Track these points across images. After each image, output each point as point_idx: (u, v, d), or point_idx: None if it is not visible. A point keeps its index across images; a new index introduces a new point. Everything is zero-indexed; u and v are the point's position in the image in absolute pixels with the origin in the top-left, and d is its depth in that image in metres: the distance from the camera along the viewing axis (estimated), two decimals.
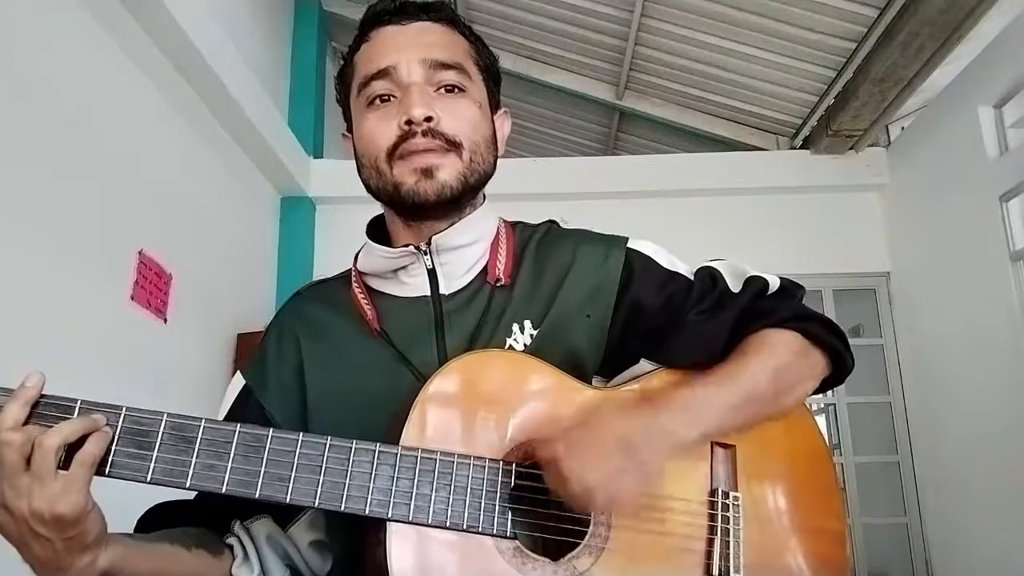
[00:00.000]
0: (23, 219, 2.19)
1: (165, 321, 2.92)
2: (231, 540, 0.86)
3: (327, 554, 0.91)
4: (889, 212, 4.22)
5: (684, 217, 4.23)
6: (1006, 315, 3.19)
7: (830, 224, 4.23)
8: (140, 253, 2.76)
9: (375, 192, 0.89)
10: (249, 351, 0.97)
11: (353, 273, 0.95)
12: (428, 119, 0.83)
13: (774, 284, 0.93)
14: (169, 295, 2.95)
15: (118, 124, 2.70)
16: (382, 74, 0.86)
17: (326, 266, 4.51)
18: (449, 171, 0.85)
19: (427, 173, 0.84)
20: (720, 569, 0.80)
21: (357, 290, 0.92)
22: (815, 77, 3.90)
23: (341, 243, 4.20)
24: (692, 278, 0.93)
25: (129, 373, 2.62)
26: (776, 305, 0.91)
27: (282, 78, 4.37)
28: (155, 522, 0.86)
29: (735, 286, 0.92)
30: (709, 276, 0.93)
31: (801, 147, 4.35)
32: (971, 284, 3.46)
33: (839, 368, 0.94)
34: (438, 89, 0.87)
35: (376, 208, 0.96)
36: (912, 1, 3.04)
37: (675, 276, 0.93)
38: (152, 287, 2.83)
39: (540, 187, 4.10)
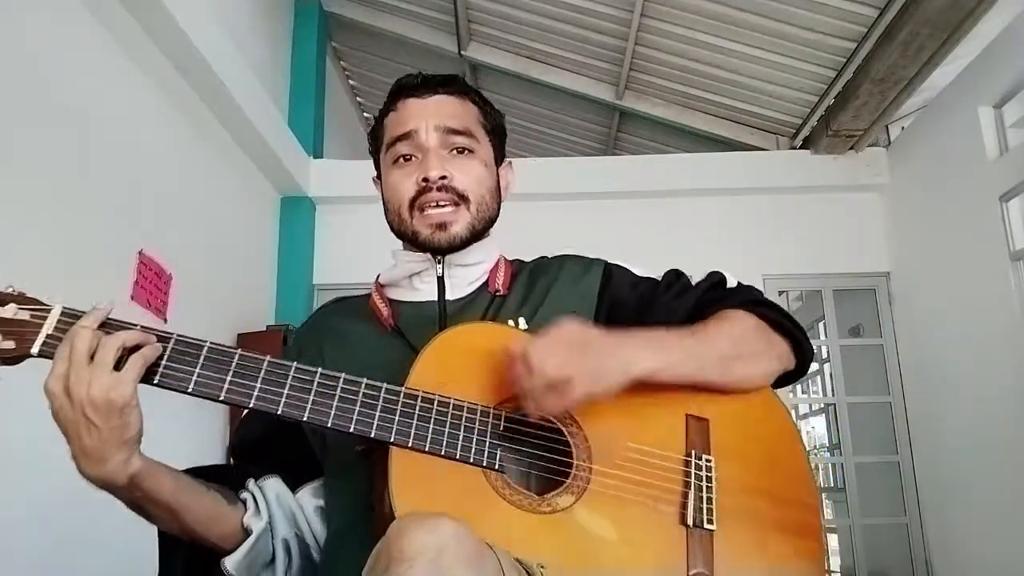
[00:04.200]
0: (23, 219, 2.19)
1: (165, 321, 2.92)
2: (244, 495, 0.97)
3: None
4: (889, 212, 4.23)
5: (684, 217, 4.23)
6: (1006, 315, 3.19)
7: (830, 224, 4.24)
8: (140, 253, 2.76)
9: (398, 233, 1.07)
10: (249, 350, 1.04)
11: (374, 287, 1.11)
12: (443, 177, 1.01)
13: (732, 281, 1.07)
14: (169, 295, 2.95)
15: (118, 124, 2.70)
16: (406, 136, 1.04)
17: (326, 266, 4.53)
18: (460, 225, 1.03)
19: (441, 227, 1.02)
20: (694, 519, 0.88)
21: (377, 298, 1.08)
22: (815, 77, 3.90)
23: (341, 243, 4.25)
24: (660, 279, 1.09)
25: None
26: (734, 292, 1.06)
27: (282, 78, 4.37)
28: None
29: (697, 281, 1.08)
30: (674, 273, 1.09)
31: (801, 147, 4.36)
32: (971, 284, 3.46)
33: (799, 357, 1.04)
34: (451, 151, 1.04)
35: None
36: (912, 1, 3.04)
37: (646, 279, 1.09)
38: (152, 287, 2.83)
39: (540, 187, 4.10)
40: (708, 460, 0.92)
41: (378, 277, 1.11)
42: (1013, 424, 3.16)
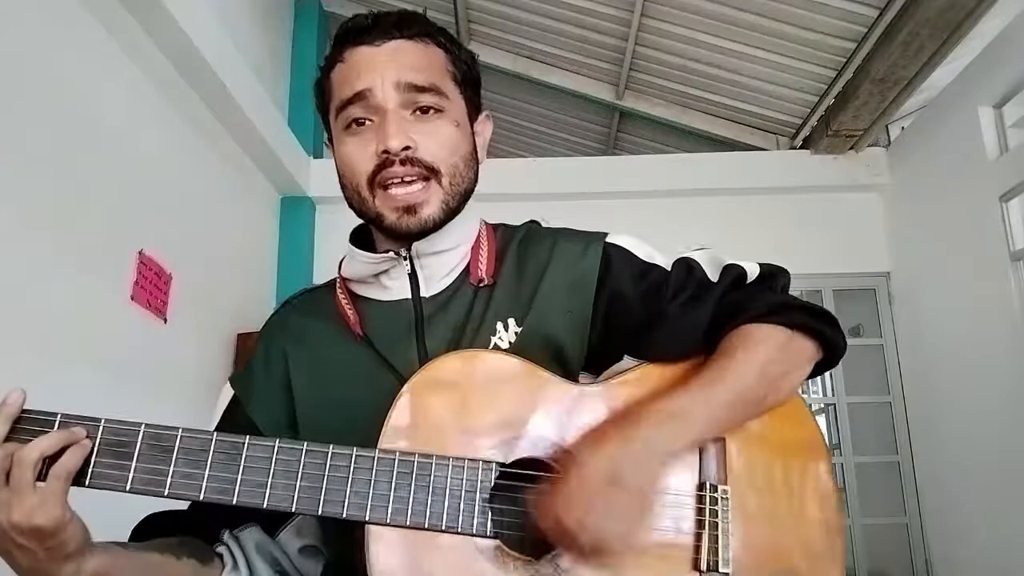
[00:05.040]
0: (23, 219, 2.19)
1: (165, 321, 2.92)
2: (221, 549, 0.87)
3: (318, 558, 0.91)
4: (889, 212, 4.22)
5: (684, 217, 4.23)
6: (1006, 315, 3.19)
7: (830, 224, 4.23)
8: (140, 253, 2.76)
9: (358, 213, 0.91)
10: (249, 351, 0.99)
11: (337, 280, 0.96)
12: (406, 148, 0.83)
13: (752, 272, 0.92)
14: (169, 295, 2.95)
15: (118, 124, 2.70)
16: (358, 97, 0.86)
17: (326, 266, 4.53)
18: (432, 206, 0.86)
19: (409, 210, 0.85)
20: (708, 563, 0.79)
21: (341, 296, 0.93)
22: (815, 77, 3.90)
23: (341, 243, 4.18)
24: (669, 269, 0.93)
25: (129, 373, 2.62)
26: (755, 295, 0.90)
27: (282, 78, 4.37)
28: (148, 533, 0.87)
29: (713, 275, 0.92)
30: (686, 267, 0.92)
31: (801, 147, 4.35)
32: (971, 284, 3.46)
33: (830, 350, 0.90)
34: (414, 111, 0.86)
35: None
36: (912, 1, 3.04)
37: (653, 268, 0.92)
38: (152, 287, 2.83)
39: (540, 187, 4.10)
40: (724, 492, 0.82)
41: (340, 266, 0.96)
42: (1013, 424, 3.15)
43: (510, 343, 0.87)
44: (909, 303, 4.06)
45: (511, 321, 0.88)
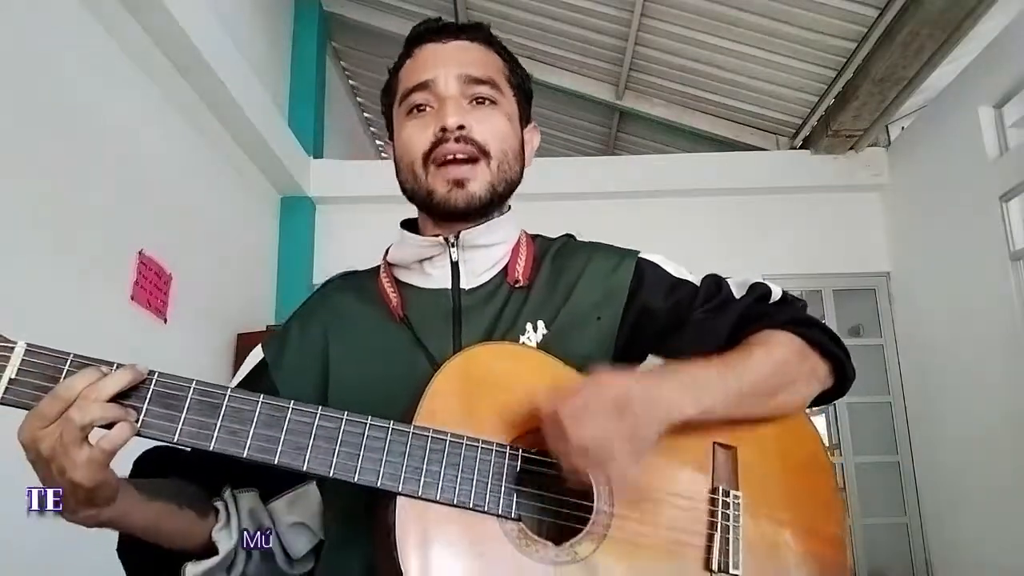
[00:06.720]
0: (24, 219, 2.19)
1: (165, 321, 2.92)
2: (218, 504, 0.90)
3: (306, 536, 0.94)
4: (889, 212, 4.23)
5: (684, 217, 4.23)
6: (1006, 315, 3.19)
7: (830, 224, 4.24)
8: (140, 253, 2.76)
9: (410, 195, 0.96)
10: (248, 351, 1.00)
11: (382, 264, 1.02)
12: (461, 127, 0.91)
13: (776, 293, 0.98)
14: (169, 295, 2.95)
15: (118, 124, 2.71)
16: (422, 86, 0.94)
17: (326, 266, 4.54)
18: (479, 183, 0.92)
19: (459, 184, 0.91)
20: (719, 563, 0.82)
21: (385, 279, 0.99)
22: (815, 77, 3.90)
23: (341, 243, 4.25)
24: (698, 284, 0.99)
25: None
26: (779, 309, 0.96)
27: (282, 78, 4.37)
28: (150, 465, 0.90)
29: (738, 293, 0.98)
30: (714, 282, 0.99)
31: (801, 147, 4.36)
32: (971, 284, 3.46)
33: (839, 378, 0.96)
34: (471, 101, 0.94)
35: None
36: (912, 1, 3.05)
37: (682, 283, 0.98)
38: (152, 287, 2.83)
39: (540, 187, 4.09)
40: (736, 496, 0.86)
41: (387, 253, 1.02)
42: (1013, 424, 3.16)
43: (537, 343, 0.92)
44: (909, 303, 4.06)
45: (540, 323, 0.93)
